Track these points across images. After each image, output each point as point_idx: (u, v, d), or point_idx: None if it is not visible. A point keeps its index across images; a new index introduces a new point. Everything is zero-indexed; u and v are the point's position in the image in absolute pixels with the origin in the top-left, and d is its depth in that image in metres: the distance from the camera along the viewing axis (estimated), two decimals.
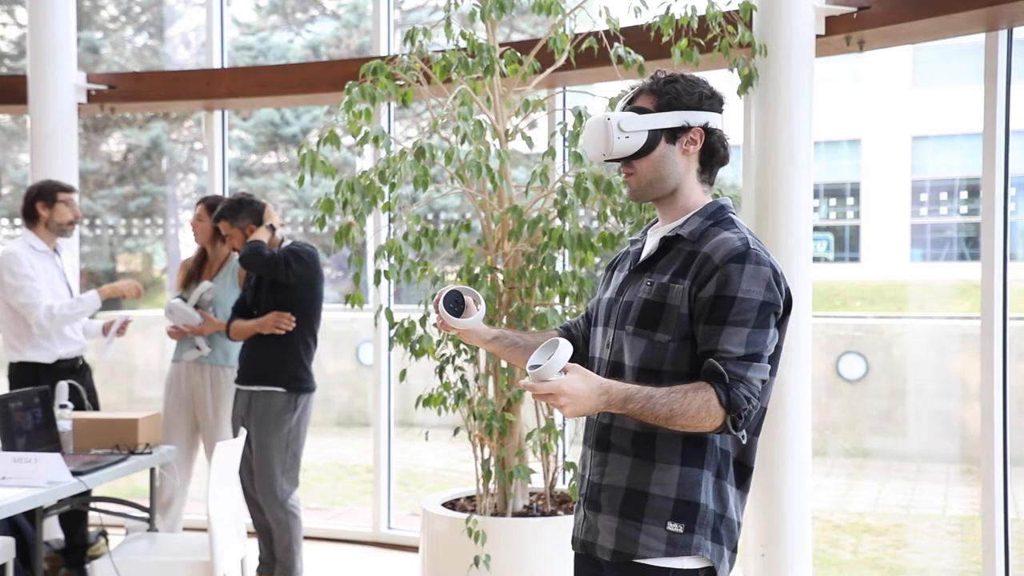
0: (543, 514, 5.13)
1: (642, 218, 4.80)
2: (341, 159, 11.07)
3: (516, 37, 12.36)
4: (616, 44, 5.05)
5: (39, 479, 4.35)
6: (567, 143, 5.19)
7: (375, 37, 6.85)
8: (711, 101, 2.68)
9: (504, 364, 5.05)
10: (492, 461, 5.08)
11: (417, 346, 5.03)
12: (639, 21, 5.22)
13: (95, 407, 5.87)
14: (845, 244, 17.06)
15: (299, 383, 5.42)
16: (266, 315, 5.40)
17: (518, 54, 5.22)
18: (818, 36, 5.11)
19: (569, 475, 5.50)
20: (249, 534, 5.25)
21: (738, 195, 5.35)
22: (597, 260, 5.05)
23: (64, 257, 5.92)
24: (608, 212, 4.98)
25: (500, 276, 5.14)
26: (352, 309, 5.09)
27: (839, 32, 5.13)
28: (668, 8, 5.08)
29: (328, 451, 10.85)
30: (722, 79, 4.45)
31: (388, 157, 4.95)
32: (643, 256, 2.72)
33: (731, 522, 2.63)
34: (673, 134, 2.65)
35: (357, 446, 11.08)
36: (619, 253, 2.91)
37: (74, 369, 5.80)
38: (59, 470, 4.41)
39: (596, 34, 5.26)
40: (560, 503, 5.29)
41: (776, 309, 2.55)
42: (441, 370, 5.13)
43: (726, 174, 11.22)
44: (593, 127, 2.68)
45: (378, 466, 6.88)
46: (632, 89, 2.74)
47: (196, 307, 5.79)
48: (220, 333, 5.83)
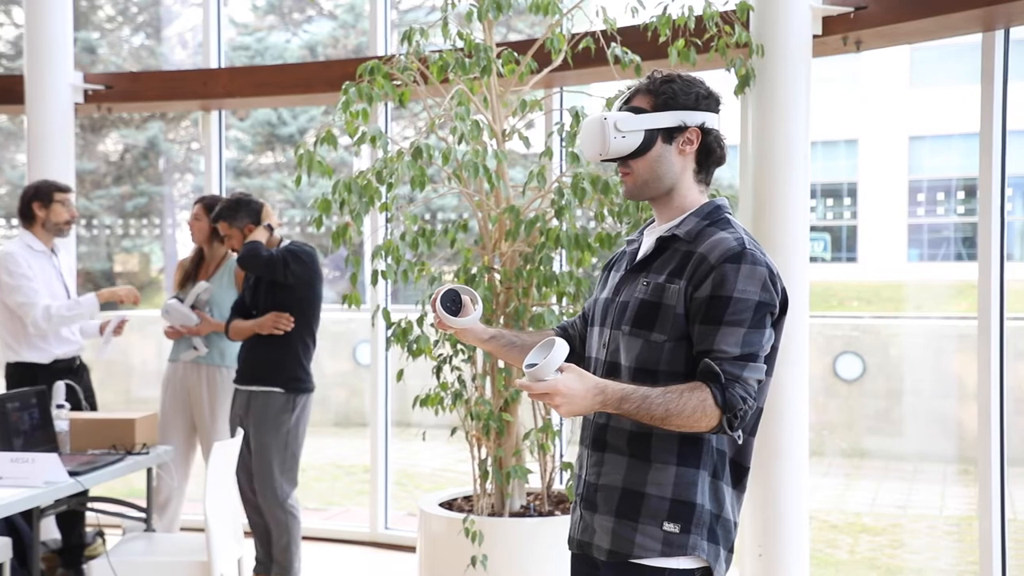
0: (540, 514, 5.13)
1: (639, 218, 4.80)
2: (338, 159, 11.08)
3: (513, 37, 12.35)
4: (613, 44, 5.05)
5: (36, 479, 4.35)
6: (564, 143, 5.19)
7: (372, 37, 6.85)
8: (708, 101, 2.68)
9: (501, 364, 5.05)
10: (489, 461, 5.08)
11: (414, 346, 5.03)
12: (636, 21, 5.22)
13: (92, 407, 5.87)
14: (842, 244, 17.08)
15: (298, 383, 5.41)
16: (265, 315, 5.40)
17: (515, 54, 5.22)
18: (815, 36, 5.12)
19: (566, 475, 5.50)
20: (245, 534, 5.26)
21: (735, 195, 5.35)
22: (594, 260, 5.05)
23: (61, 257, 5.91)
24: (605, 212, 4.98)
25: (497, 276, 5.14)
26: (349, 309, 5.08)
27: (836, 32, 5.13)
28: (665, 8, 5.09)
29: (325, 451, 10.84)
30: (719, 79, 4.45)
31: (385, 157, 4.95)
32: (639, 256, 2.72)
33: (727, 522, 2.63)
34: (669, 134, 2.65)
35: (354, 446, 11.08)
36: (615, 253, 2.91)
37: (71, 369, 5.79)
38: (56, 470, 4.40)
39: (593, 34, 5.26)
40: (557, 503, 5.29)
41: (772, 309, 2.55)
42: (438, 370, 5.13)
43: (723, 174, 11.21)
44: (590, 127, 2.68)
45: (375, 466, 6.88)
46: (629, 89, 2.74)
47: (193, 307, 5.79)
48: (217, 333, 5.82)
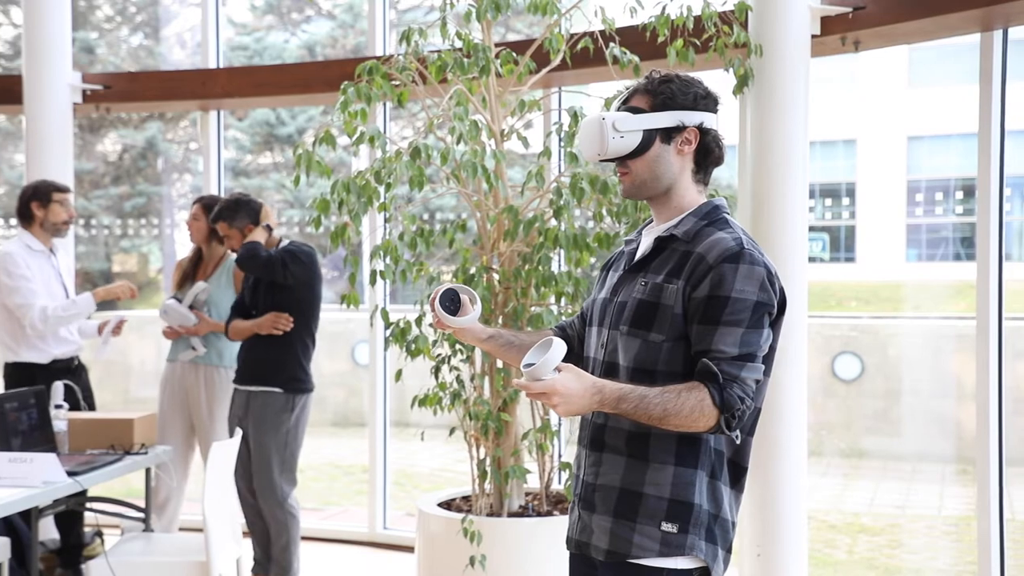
0: (539, 514, 5.13)
1: (637, 218, 4.80)
2: (337, 159, 11.08)
3: (512, 37, 12.35)
4: (612, 44, 5.05)
5: (35, 479, 4.35)
6: (563, 143, 5.19)
7: (371, 37, 6.85)
8: (706, 101, 2.68)
9: (500, 364, 5.05)
10: (488, 461, 5.08)
11: (413, 346, 5.03)
12: (635, 21, 5.22)
13: (91, 407, 5.86)
14: (841, 244, 17.08)
15: (297, 383, 5.41)
16: (264, 316, 5.40)
17: (514, 54, 5.22)
18: (814, 36, 5.12)
19: (565, 475, 5.50)
20: (243, 534, 5.25)
21: (734, 195, 5.35)
22: (593, 260, 5.05)
23: (60, 257, 5.91)
24: (604, 212, 4.98)
25: (496, 276, 5.14)
26: (348, 309, 5.09)
27: (835, 32, 5.13)
28: (664, 8, 5.09)
29: (324, 451, 10.84)
30: (718, 79, 4.45)
31: (384, 157, 4.95)
32: (637, 256, 2.72)
33: (725, 522, 2.63)
34: (668, 134, 2.65)
35: (353, 446, 11.07)
36: (614, 253, 2.91)
37: (70, 369, 5.79)
38: (55, 470, 4.40)
39: (592, 34, 5.26)
40: (556, 503, 5.29)
41: (770, 309, 2.55)
42: (437, 370, 5.13)
43: (722, 174, 11.23)
44: (588, 127, 2.68)
45: (374, 466, 6.88)
46: (627, 89, 2.74)
47: (191, 307, 5.79)
48: (215, 333, 5.82)
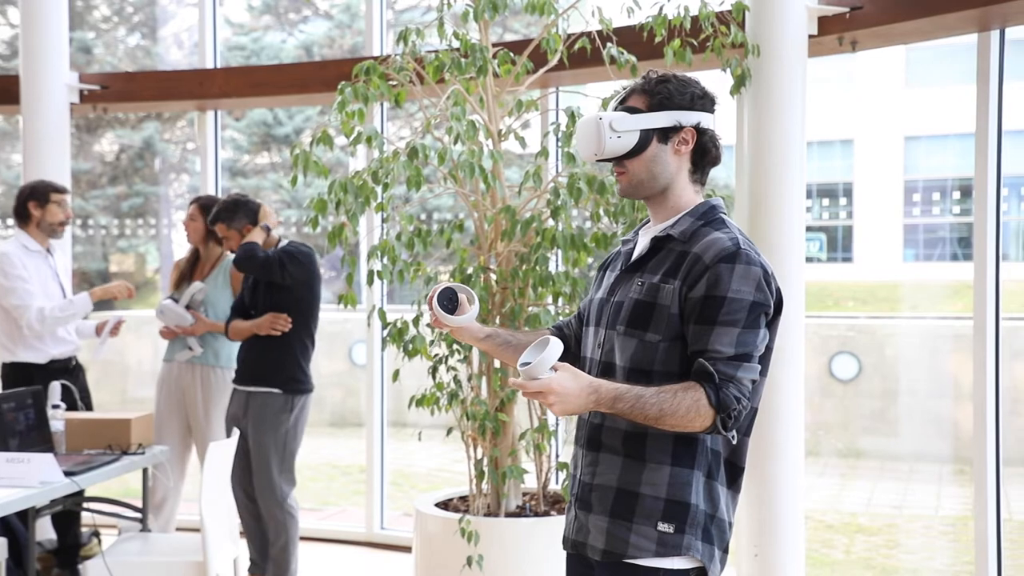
0: (536, 514, 5.13)
1: (635, 218, 4.80)
2: (334, 159, 11.07)
3: (509, 37, 12.36)
4: (609, 44, 5.05)
5: (32, 479, 4.35)
6: (560, 143, 5.19)
7: (368, 37, 6.85)
8: (703, 101, 2.68)
9: (497, 364, 5.05)
10: (485, 461, 5.08)
11: (410, 346, 5.03)
12: (632, 21, 5.22)
13: (88, 407, 5.86)
14: (838, 244, 17.09)
15: (296, 384, 5.40)
16: (263, 316, 5.39)
17: (511, 54, 5.22)
18: (811, 36, 5.12)
19: (562, 475, 5.50)
20: (240, 534, 5.25)
21: (731, 195, 5.35)
22: (590, 260, 5.05)
23: (57, 257, 5.91)
24: (601, 212, 4.98)
25: (493, 276, 5.14)
26: (345, 309, 5.09)
27: (832, 32, 5.13)
28: (661, 8, 5.09)
29: (321, 451, 10.84)
30: (715, 79, 4.45)
31: (381, 157, 4.95)
32: (634, 256, 2.72)
33: (722, 522, 2.63)
34: (665, 134, 2.65)
35: (350, 446, 11.07)
36: (611, 253, 2.91)
37: (67, 369, 5.79)
38: (52, 470, 4.40)
39: (589, 34, 5.26)
40: (553, 503, 5.29)
41: (766, 309, 2.55)
42: (434, 370, 5.12)
43: (719, 174, 11.23)
44: (585, 127, 2.68)
45: (371, 466, 6.88)
46: (624, 89, 2.74)
47: (188, 307, 5.78)
48: (212, 333, 5.82)
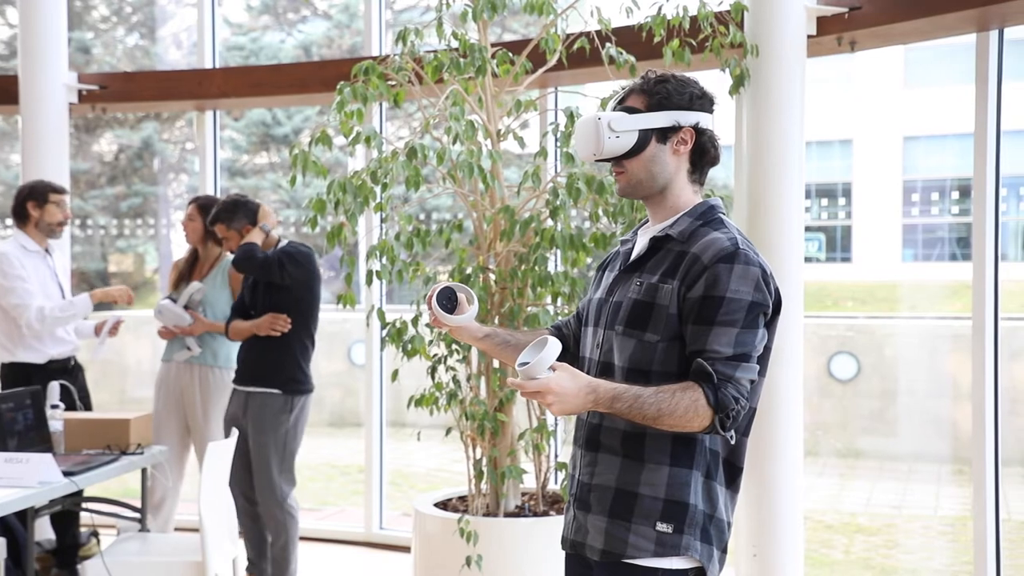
0: (535, 514, 5.13)
1: (634, 218, 4.80)
2: (333, 159, 11.07)
3: (508, 37, 12.36)
4: (608, 44, 5.05)
5: (30, 479, 4.34)
6: (559, 143, 5.19)
7: (367, 37, 6.85)
8: (702, 101, 2.68)
9: (496, 364, 5.05)
10: (484, 461, 5.08)
11: (409, 346, 5.03)
12: (631, 21, 5.22)
13: (87, 407, 5.86)
14: (837, 244, 17.10)
15: (296, 385, 5.40)
16: (262, 317, 5.39)
17: (510, 54, 5.22)
18: (809, 36, 5.12)
19: (561, 475, 5.50)
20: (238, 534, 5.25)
21: (730, 195, 5.35)
22: (589, 260, 5.05)
23: (56, 257, 5.90)
24: (600, 212, 4.99)
25: (492, 276, 5.14)
26: (344, 309, 5.09)
27: (830, 32, 5.13)
28: (660, 8, 5.09)
29: (320, 451, 10.84)
30: (714, 79, 4.45)
31: (380, 157, 4.95)
32: (633, 256, 2.72)
33: (721, 522, 2.63)
34: (663, 134, 2.65)
35: (349, 446, 11.07)
36: (610, 253, 2.91)
37: (66, 369, 5.78)
38: (50, 470, 4.40)
39: (588, 34, 5.26)
40: (552, 503, 5.29)
41: (765, 309, 2.55)
42: (433, 370, 5.13)
43: (718, 174, 11.24)
44: (583, 127, 2.68)
45: (370, 466, 6.88)
46: (623, 89, 2.74)
47: (186, 307, 5.78)
48: (210, 333, 5.82)
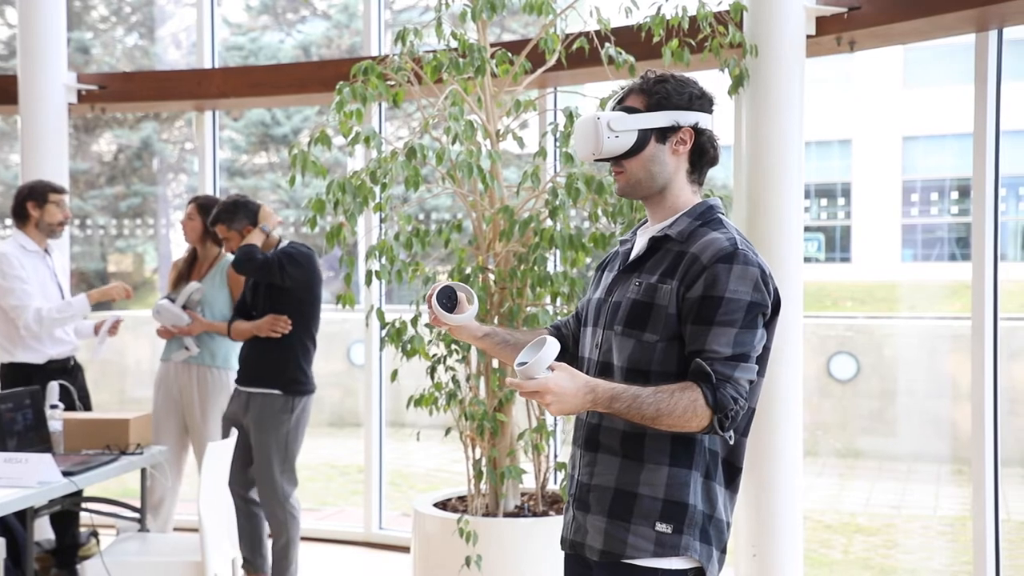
0: (534, 514, 5.13)
1: (633, 218, 4.80)
2: (332, 159, 11.07)
3: (507, 37, 12.36)
4: (607, 44, 5.06)
5: (30, 479, 4.34)
6: (558, 143, 5.19)
7: (366, 37, 6.85)
8: (701, 101, 2.68)
9: (496, 364, 5.06)
10: (483, 461, 5.08)
11: (408, 346, 5.03)
12: (630, 21, 5.22)
13: (87, 407, 5.86)
14: (836, 244, 17.11)
15: (297, 385, 5.39)
16: (263, 318, 5.38)
17: (509, 54, 5.22)
18: (809, 36, 5.12)
19: (560, 475, 5.50)
20: None
21: (729, 195, 5.35)
22: (588, 260, 5.05)
23: (55, 257, 5.90)
24: (599, 212, 4.99)
25: (491, 276, 5.14)
26: (343, 309, 5.09)
27: (830, 32, 5.13)
28: (659, 9, 5.09)
29: (320, 451, 10.84)
30: (713, 79, 4.46)
31: (379, 157, 4.95)
32: (632, 256, 2.72)
33: (720, 522, 2.63)
34: (663, 134, 2.65)
35: (348, 446, 11.08)
36: (609, 253, 2.91)
37: (65, 370, 5.78)
38: (50, 470, 4.40)
39: (587, 34, 5.26)
40: (551, 503, 5.29)
41: (764, 309, 2.55)
42: (432, 370, 5.13)
43: (717, 174, 11.23)
44: (583, 126, 2.68)
45: (369, 466, 6.88)
46: (622, 89, 2.74)
47: (184, 307, 5.78)
48: (208, 333, 5.81)
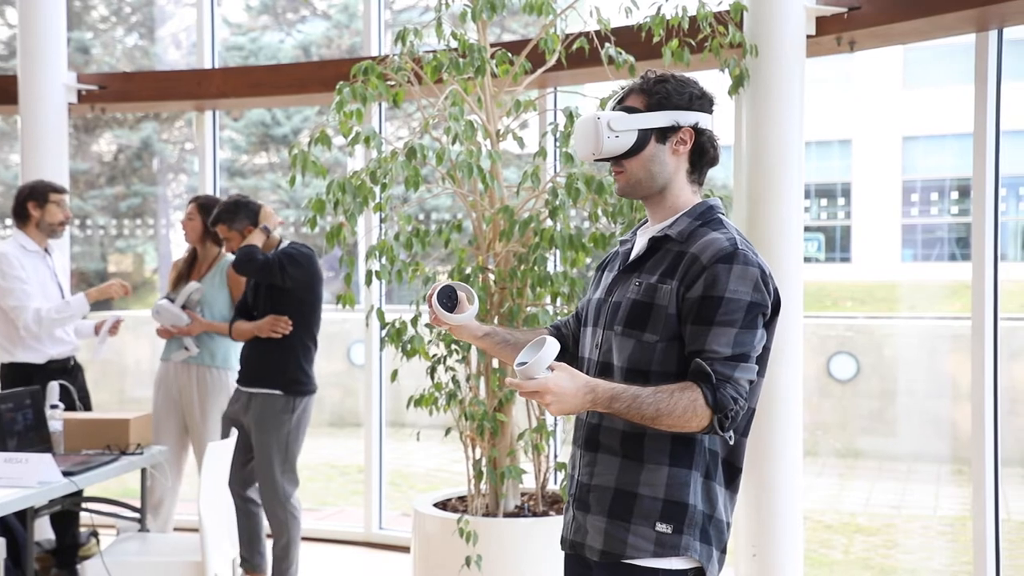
0: (534, 514, 5.13)
1: (633, 218, 4.80)
2: (332, 159, 11.08)
3: (507, 37, 12.36)
4: (607, 44, 5.06)
5: (30, 479, 4.34)
6: (558, 143, 5.19)
7: (366, 37, 6.85)
8: (701, 101, 2.68)
9: (496, 364, 5.06)
10: (483, 461, 5.08)
11: (408, 346, 5.03)
12: (630, 21, 5.22)
13: (87, 407, 5.86)
14: (836, 244, 17.11)
15: (298, 386, 5.38)
16: (263, 318, 5.38)
17: (509, 54, 5.22)
18: (809, 36, 5.12)
19: (561, 475, 5.50)
20: None
21: (729, 195, 5.35)
22: (588, 260, 5.05)
23: (55, 257, 5.90)
24: (599, 212, 4.99)
25: (491, 276, 5.14)
26: (343, 309, 5.09)
27: (830, 32, 5.13)
28: (659, 9, 5.09)
29: (320, 451, 10.84)
30: (713, 79, 4.46)
31: (379, 157, 4.95)
32: (632, 256, 2.72)
33: (720, 523, 2.63)
34: (663, 134, 2.65)
35: (349, 446, 11.08)
36: (609, 253, 2.91)
37: (66, 370, 5.78)
38: (50, 470, 4.40)
39: (587, 34, 5.26)
40: (551, 503, 5.29)
41: (764, 310, 2.55)
42: (432, 370, 5.13)
43: (717, 174, 11.24)
44: (583, 126, 2.68)
45: (369, 466, 6.88)
46: (623, 89, 2.74)
47: (184, 307, 5.77)
48: (207, 333, 5.81)
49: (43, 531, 5.86)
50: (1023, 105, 6.10)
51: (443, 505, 5.32)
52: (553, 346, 2.44)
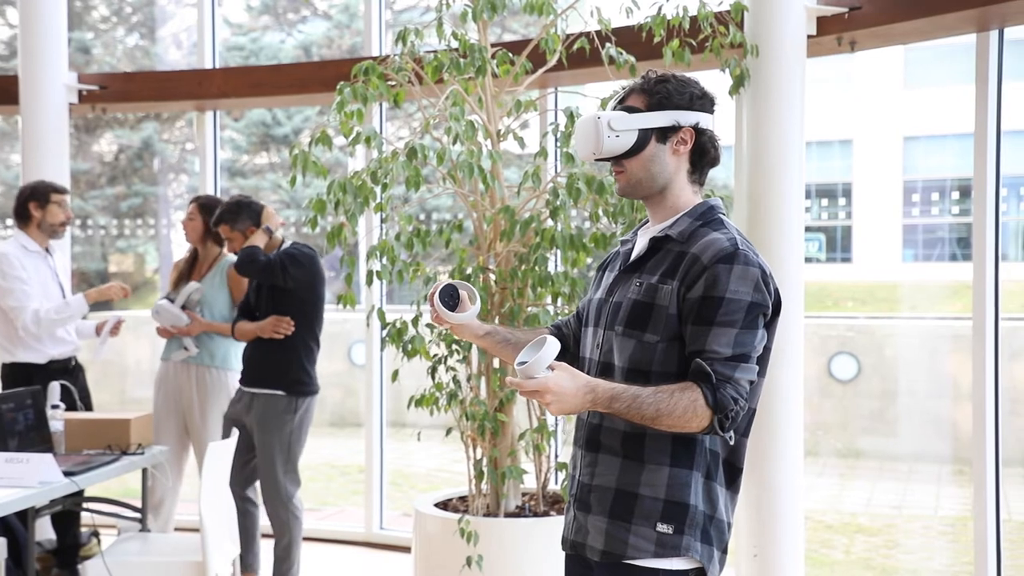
0: (535, 514, 5.13)
1: (634, 218, 4.80)
2: (333, 159, 11.08)
3: (508, 37, 12.36)
4: (608, 44, 5.06)
5: (31, 479, 4.34)
6: (559, 143, 5.19)
7: (367, 37, 6.85)
8: (702, 101, 2.68)
9: (496, 364, 5.06)
10: (484, 461, 5.08)
11: (409, 346, 5.03)
12: (631, 21, 5.22)
13: (88, 407, 5.86)
14: (837, 244, 17.11)
15: (300, 386, 5.38)
16: (266, 319, 5.38)
17: (510, 54, 5.22)
18: (809, 36, 5.12)
19: (561, 475, 5.50)
20: None
21: (730, 195, 5.35)
22: (589, 260, 5.05)
23: (56, 258, 5.90)
24: (600, 212, 4.99)
25: (492, 276, 5.14)
26: (344, 309, 5.09)
27: (830, 32, 5.13)
28: (660, 9, 5.09)
29: (320, 451, 10.84)
30: (714, 79, 4.45)
31: (380, 157, 4.95)
32: (633, 257, 2.72)
33: (721, 523, 2.63)
34: (663, 133, 2.65)
35: (349, 446, 11.08)
36: (610, 253, 2.91)
37: (66, 370, 5.78)
38: (51, 470, 4.40)
39: (588, 34, 5.26)
40: (552, 503, 5.29)
41: (764, 310, 2.55)
42: (433, 370, 5.12)
43: (718, 174, 11.24)
44: (583, 126, 2.68)
45: (370, 466, 6.88)
46: (623, 89, 2.74)
47: (184, 307, 5.77)
48: (207, 333, 5.81)
49: (44, 531, 5.86)
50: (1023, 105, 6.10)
51: (444, 505, 5.32)
52: (553, 346, 2.44)
